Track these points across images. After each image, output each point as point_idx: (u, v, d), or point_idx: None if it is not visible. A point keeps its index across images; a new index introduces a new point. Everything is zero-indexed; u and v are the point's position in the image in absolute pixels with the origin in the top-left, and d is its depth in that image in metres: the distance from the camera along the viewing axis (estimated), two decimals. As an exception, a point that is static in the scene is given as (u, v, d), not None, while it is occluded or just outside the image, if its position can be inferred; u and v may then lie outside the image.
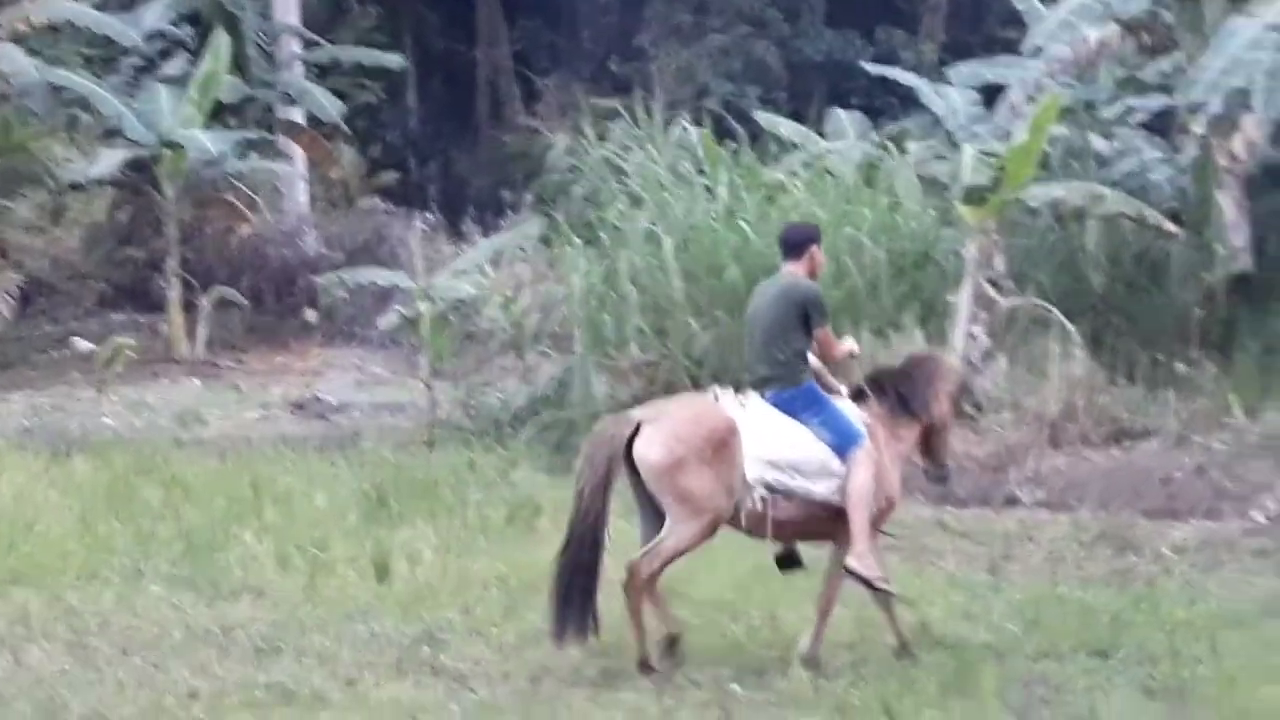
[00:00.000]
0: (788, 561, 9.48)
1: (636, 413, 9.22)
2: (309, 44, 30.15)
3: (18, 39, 26.10)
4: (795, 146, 20.12)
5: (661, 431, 8.86)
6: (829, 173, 18.71)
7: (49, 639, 9.45)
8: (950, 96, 20.74)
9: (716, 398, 9.19)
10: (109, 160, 24.76)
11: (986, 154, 16.53)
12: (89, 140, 26.57)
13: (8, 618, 9.83)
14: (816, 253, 9.59)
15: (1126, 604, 10.64)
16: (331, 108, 28.64)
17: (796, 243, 9.63)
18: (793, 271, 9.49)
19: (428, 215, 27.52)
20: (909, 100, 23.02)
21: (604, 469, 8.83)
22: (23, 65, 24.98)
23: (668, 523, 8.82)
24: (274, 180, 28.28)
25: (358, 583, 10.90)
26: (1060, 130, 18.82)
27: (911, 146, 20.28)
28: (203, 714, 8.27)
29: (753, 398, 9.17)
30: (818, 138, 20.68)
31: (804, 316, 9.24)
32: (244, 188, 27.23)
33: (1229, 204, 17.09)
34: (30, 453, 16.14)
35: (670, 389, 16.99)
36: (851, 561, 8.98)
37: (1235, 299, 17.09)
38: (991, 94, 20.04)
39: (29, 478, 14.33)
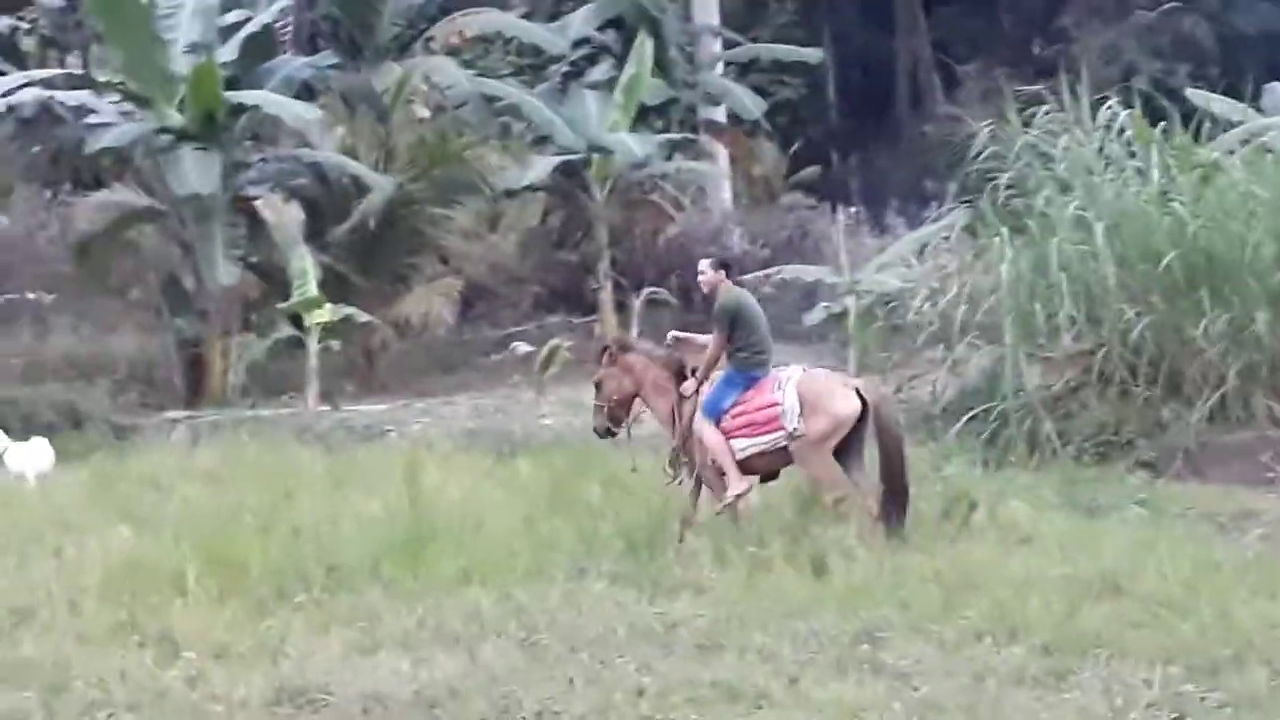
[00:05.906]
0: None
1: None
2: (729, 43, 30.52)
3: (451, 52, 27.16)
4: (1231, 124, 19.35)
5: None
6: (1269, 150, 17.95)
7: (501, 636, 9.67)
8: (1402, 62, 19.68)
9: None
10: (541, 167, 25.49)
11: None
12: (521, 148, 27.34)
13: (461, 615, 10.11)
14: None
15: None
16: (753, 105, 29.01)
17: None
18: None
19: (850, 209, 27.53)
20: (1355, 69, 21.97)
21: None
22: (457, 77, 25.99)
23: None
24: (698, 180, 28.69)
25: (795, 579, 10.93)
26: None
27: (1359, 118, 19.35)
28: (650, 711, 8.33)
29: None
30: (1255, 113, 19.86)
31: None
32: (669, 188, 27.72)
33: None
34: (476, 453, 16.82)
35: (1105, 379, 16.60)
36: None
37: None
38: None
39: (475, 478, 14.97)
